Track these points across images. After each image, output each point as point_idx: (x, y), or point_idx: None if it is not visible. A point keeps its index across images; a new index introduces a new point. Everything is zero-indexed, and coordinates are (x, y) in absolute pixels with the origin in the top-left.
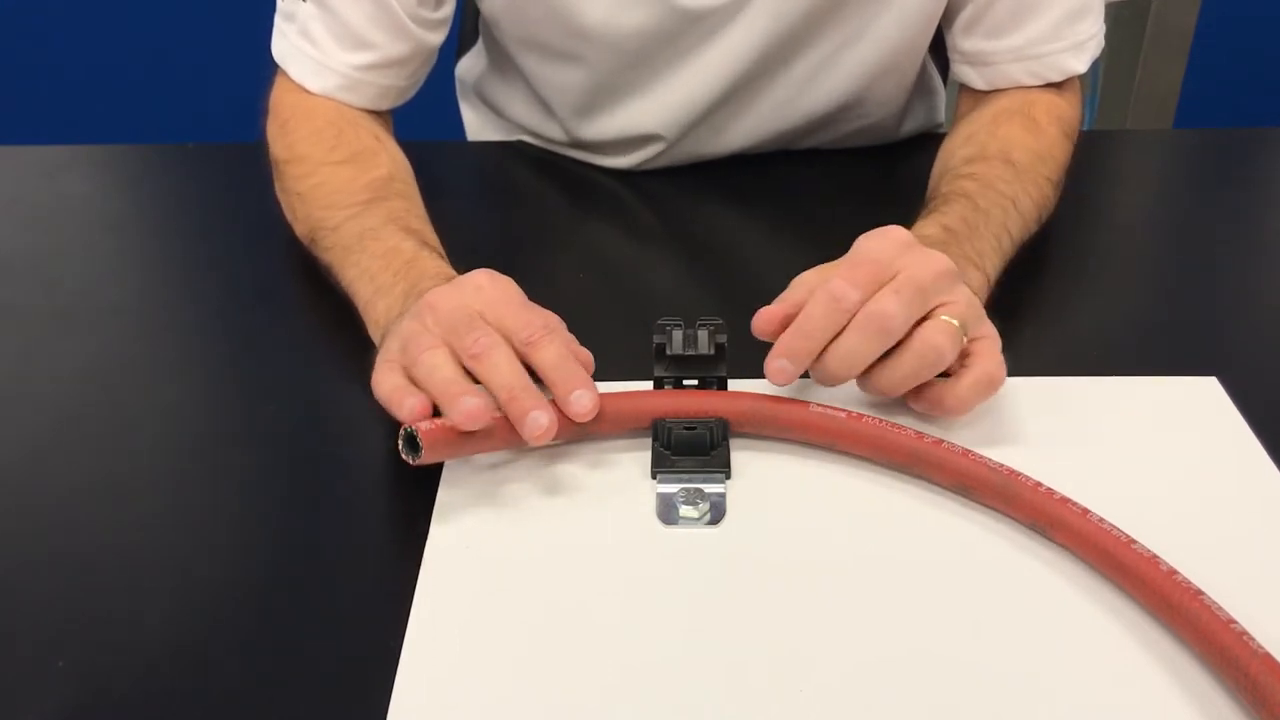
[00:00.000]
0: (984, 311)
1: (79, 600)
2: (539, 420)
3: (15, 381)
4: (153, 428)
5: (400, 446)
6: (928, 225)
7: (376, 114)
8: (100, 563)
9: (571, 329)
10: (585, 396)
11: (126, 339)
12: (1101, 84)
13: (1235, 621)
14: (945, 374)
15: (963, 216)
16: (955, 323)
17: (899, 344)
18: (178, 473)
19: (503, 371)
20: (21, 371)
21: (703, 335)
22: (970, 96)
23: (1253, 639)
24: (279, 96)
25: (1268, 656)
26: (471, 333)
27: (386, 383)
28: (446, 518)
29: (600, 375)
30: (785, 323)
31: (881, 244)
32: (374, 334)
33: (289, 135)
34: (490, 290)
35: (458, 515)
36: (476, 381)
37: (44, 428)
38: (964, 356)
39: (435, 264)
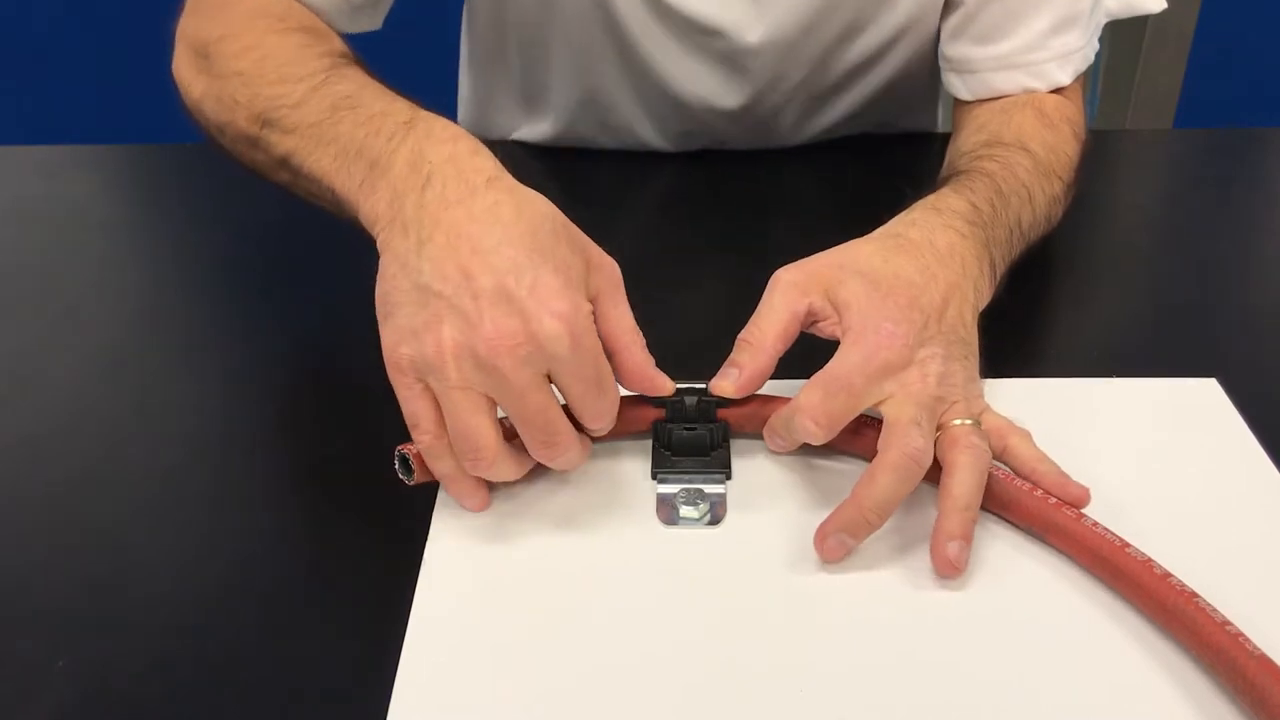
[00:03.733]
0: (973, 381)
1: (79, 600)
2: (570, 461)
3: (15, 381)
4: (152, 427)
5: (395, 466)
6: (957, 197)
7: None
8: (101, 562)
9: None
10: (604, 425)
11: (126, 339)
12: (1101, 84)
13: (1230, 623)
14: None
15: (989, 199)
16: (970, 422)
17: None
18: (178, 472)
19: (541, 429)
20: (21, 371)
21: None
22: (965, 107)
23: (1249, 641)
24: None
25: (1264, 658)
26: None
27: (423, 417)
28: (446, 518)
29: None
30: (756, 384)
31: (863, 363)
32: (366, 213)
33: (220, 16)
34: (571, 359)
35: (458, 515)
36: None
37: (43, 427)
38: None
39: (439, 123)
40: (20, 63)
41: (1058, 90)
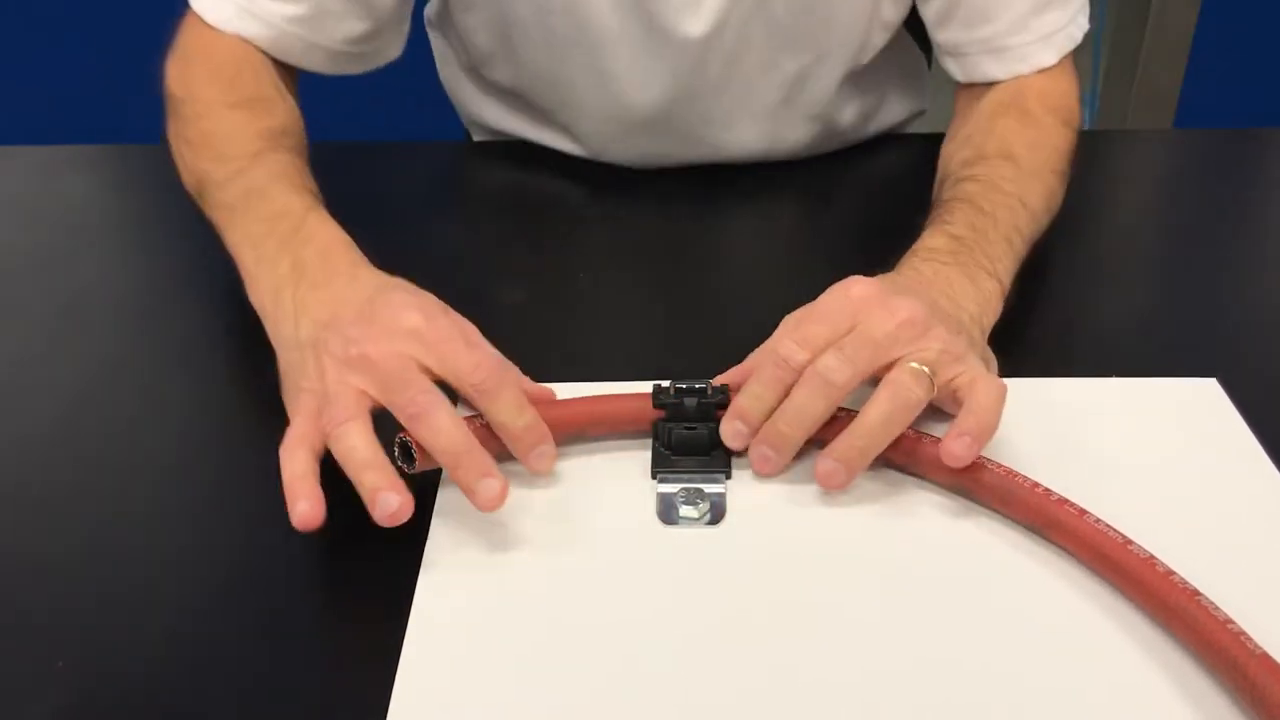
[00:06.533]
0: (968, 350)
1: (79, 600)
2: (490, 488)
3: (15, 381)
4: (153, 427)
5: (395, 454)
6: (935, 236)
7: (286, 68)
8: (100, 562)
9: (571, 329)
10: (546, 454)
11: (126, 339)
12: (1101, 84)
13: (1232, 622)
14: None
15: (969, 223)
16: (924, 369)
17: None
18: (178, 472)
19: (444, 436)
20: (21, 371)
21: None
22: (964, 93)
23: (1250, 639)
24: (186, 34)
25: (1265, 657)
26: (407, 389)
27: (293, 464)
28: (447, 517)
29: (600, 375)
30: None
31: (840, 301)
32: (255, 303)
33: (189, 70)
34: (430, 333)
35: (458, 515)
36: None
37: (44, 427)
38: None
39: (323, 229)
40: (20, 63)
41: (1045, 73)
